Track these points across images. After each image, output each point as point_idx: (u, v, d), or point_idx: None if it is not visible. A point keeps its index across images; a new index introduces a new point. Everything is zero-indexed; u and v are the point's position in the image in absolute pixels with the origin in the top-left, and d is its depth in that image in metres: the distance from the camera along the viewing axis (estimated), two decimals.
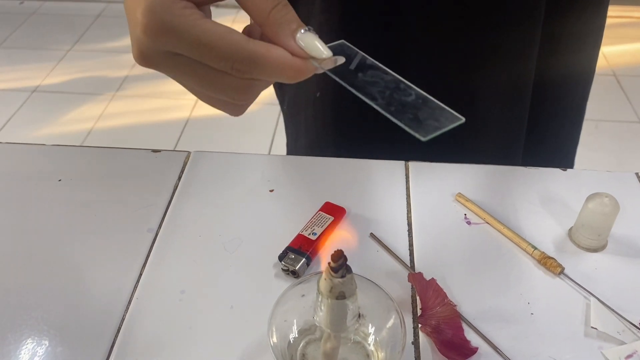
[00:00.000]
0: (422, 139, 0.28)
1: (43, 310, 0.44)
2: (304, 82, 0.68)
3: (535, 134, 0.64)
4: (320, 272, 0.41)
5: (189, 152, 0.60)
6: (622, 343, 0.42)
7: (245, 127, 2.06)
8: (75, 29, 2.67)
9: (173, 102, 2.18)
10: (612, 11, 0.68)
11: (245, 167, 0.58)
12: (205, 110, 2.14)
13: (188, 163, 0.59)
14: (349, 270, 0.33)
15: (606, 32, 0.63)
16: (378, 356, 0.39)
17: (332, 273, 0.33)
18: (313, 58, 0.32)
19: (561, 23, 0.57)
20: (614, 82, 2.22)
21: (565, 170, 0.57)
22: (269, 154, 1.91)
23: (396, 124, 0.68)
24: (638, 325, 0.43)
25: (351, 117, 0.66)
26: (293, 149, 0.76)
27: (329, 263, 0.33)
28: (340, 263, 0.32)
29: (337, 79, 0.33)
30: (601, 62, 2.28)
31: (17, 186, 0.56)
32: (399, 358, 0.37)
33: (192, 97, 2.28)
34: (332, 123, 0.67)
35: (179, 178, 0.57)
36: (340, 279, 0.33)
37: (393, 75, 0.33)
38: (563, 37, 0.58)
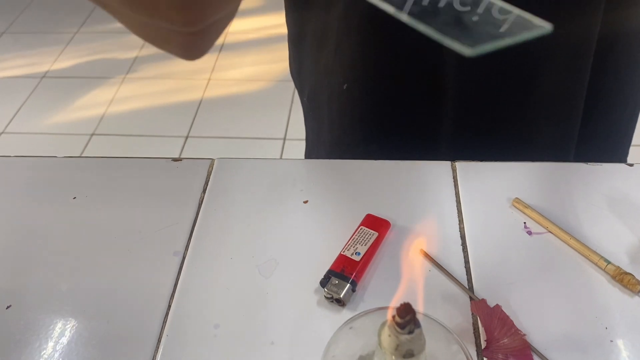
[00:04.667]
0: (468, 51, 0.18)
1: (66, 350, 0.40)
2: (326, 72, 0.62)
3: (594, 110, 0.57)
4: (374, 309, 0.36)
5: (212, 160, 0.55)
6: None
7: (260, 105, 2.00)
8: (81, 11, 2.60)
9: (185, 83, 2.12)
10: None
11: (275, 174, 0.53)
12: (218, 90, 2.08)
13: (212, 172, 0.53)
14: (417, 324, 0.28)
15: None
16: None
17: (397, 329, 0.28)
18: None
19: None
20: None
21: (632, 165, 0.52)
22: (285, 135, 1.85)
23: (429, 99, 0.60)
24: None
25: (384, 110, 0.60)
26: (315, 144, 0.70)
27: (393, 317, 0.28)
28: (408, 319, 0.28)
29: None
30: None
31: (28, 204, 0.51)
32: None
33: (204, 77, 2.23)
34: (362, 119, 0.61)
35: (204, 190, 0.52)
36: (408, 336, 0.28)
37: None
38: None
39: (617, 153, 0.64)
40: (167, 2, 0.21)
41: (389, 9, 0.20)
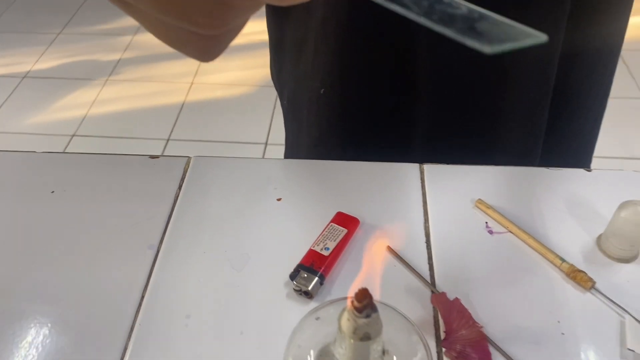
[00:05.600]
0: (487, 50, 0.21)
1: (38, 343, 0.41)
2: (304, 76, 0.65)
3: (559, 118, 0.60)
4: (338, 299, 0.38)
5: (189, 158, 0.56)
6: None
7: (242, 110, 2.02)
8: (65, 11, 2.59)
9: (168, 86, 2.12)
10: None
11: (250, 172, 0.55)
12: (201, 94, 2.09)
13: (189, 170, 0.55)
14: (374, 309, 0.30)
15: None
16: None
17: (356, 313, 0.30)
18: None
19: None
20: None
21: (591, 170, 0.54)
22: (267, 139, 1.87)
23: (406, 113, 0.62)
24: None
25: (360, 115, 0.62)
26: (295, 146, 0.72)
27: (352, 302, 0.30)
28: (365, 303, 0.29)
29: None
30: None
31: (7, 198, 0.52)
32: None
33: (187, 81, 2.24)
34: (339, 122, 0.63)
35: (180, 187, 0.53)
36: (365, 319, 0.30)
37: None
38: (594, 4, 0.53)
39: (579, 162, 0.67)
40: (197, 7, 0.21)
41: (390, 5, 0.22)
